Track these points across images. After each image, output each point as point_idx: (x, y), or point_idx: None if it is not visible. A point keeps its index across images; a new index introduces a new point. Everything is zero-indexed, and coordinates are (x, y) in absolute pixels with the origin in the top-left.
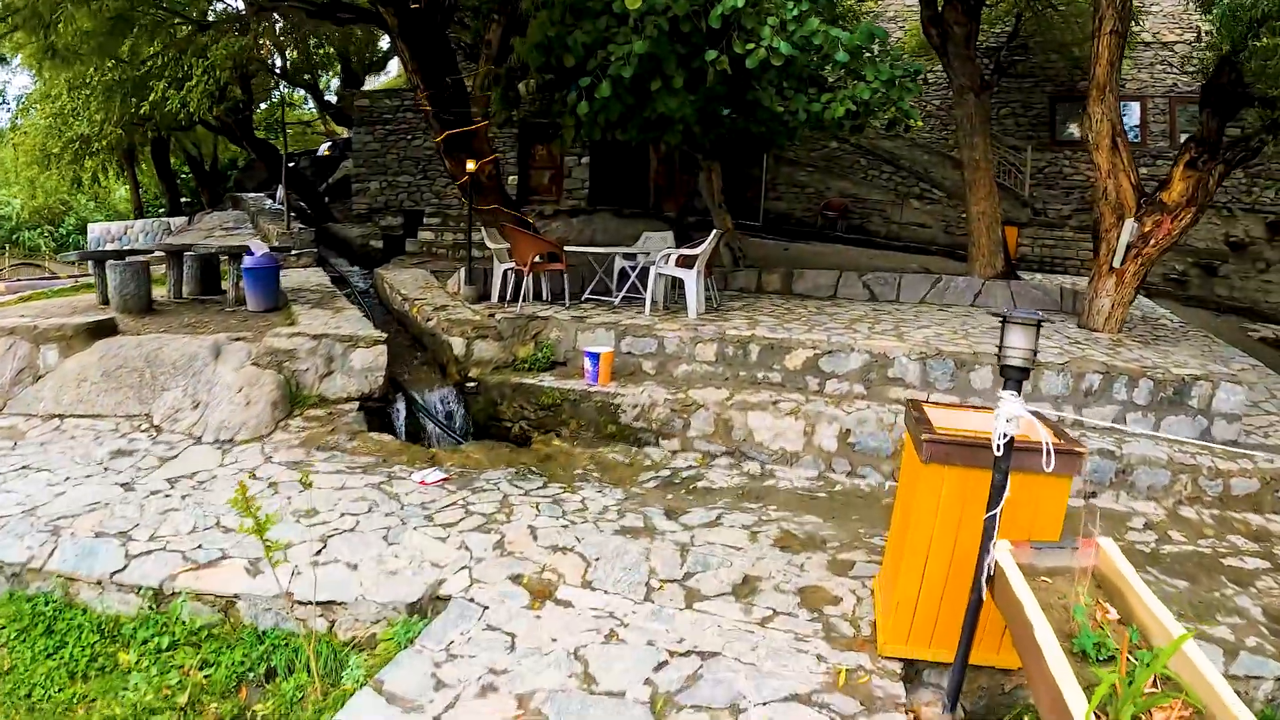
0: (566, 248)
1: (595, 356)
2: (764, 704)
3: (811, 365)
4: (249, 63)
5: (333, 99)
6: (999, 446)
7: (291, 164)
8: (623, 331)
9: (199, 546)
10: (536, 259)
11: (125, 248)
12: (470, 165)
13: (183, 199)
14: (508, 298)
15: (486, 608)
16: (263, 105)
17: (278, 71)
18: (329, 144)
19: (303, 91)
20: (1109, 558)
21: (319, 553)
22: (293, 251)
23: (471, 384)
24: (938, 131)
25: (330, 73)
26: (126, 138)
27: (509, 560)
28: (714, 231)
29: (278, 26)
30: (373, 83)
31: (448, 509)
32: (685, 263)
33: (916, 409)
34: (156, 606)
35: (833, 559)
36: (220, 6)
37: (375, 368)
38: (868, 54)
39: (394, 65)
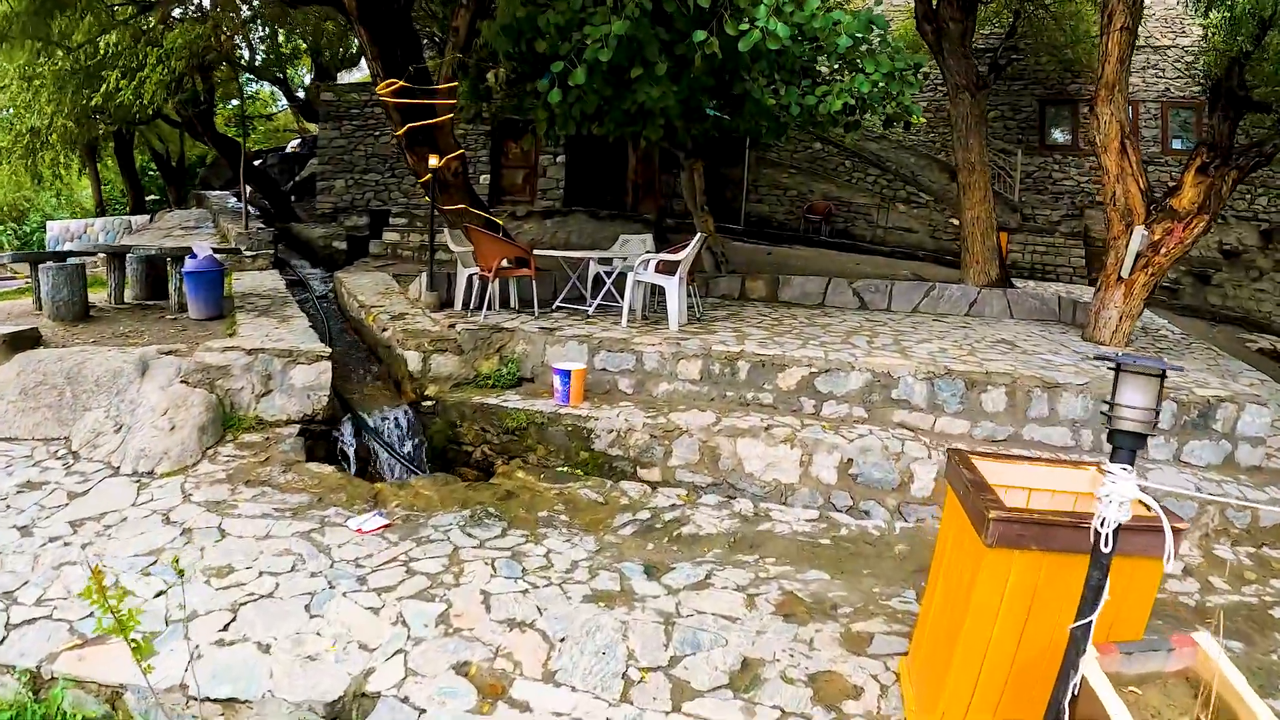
0: (538, 251)
1: (566, 374)
2: None
3: (807, 385)
4: (206, 52)
5: (302, 94)
6: (1106, 537)
7: (258, 161)
8: (597, 345)
9: (89, 614)
10: (503, 264)
11: (84, 247)
12: (433, 161)
13: (151, 197)
14: (472, 305)
15: (423, 711)
16: (234, 101)
17: (242, 64)
18: (298, 141)
19: (270, 87)
20: (1210, 660)
21: (227, 626)
22: (247, 252)
23: (429, 403)
24: (924, 134)
25: (300, 67)
26: (84, 132)
27: (454, 641)
28: (698, 235)
29: (238, 15)
30: (346, 79)
31: (386, 567)
32: (666, 269)
33: (967, 467)
34: (36, 694)
35: (846, 631)
36: None
37: (318, 386)
38: (866, 45)
39: None
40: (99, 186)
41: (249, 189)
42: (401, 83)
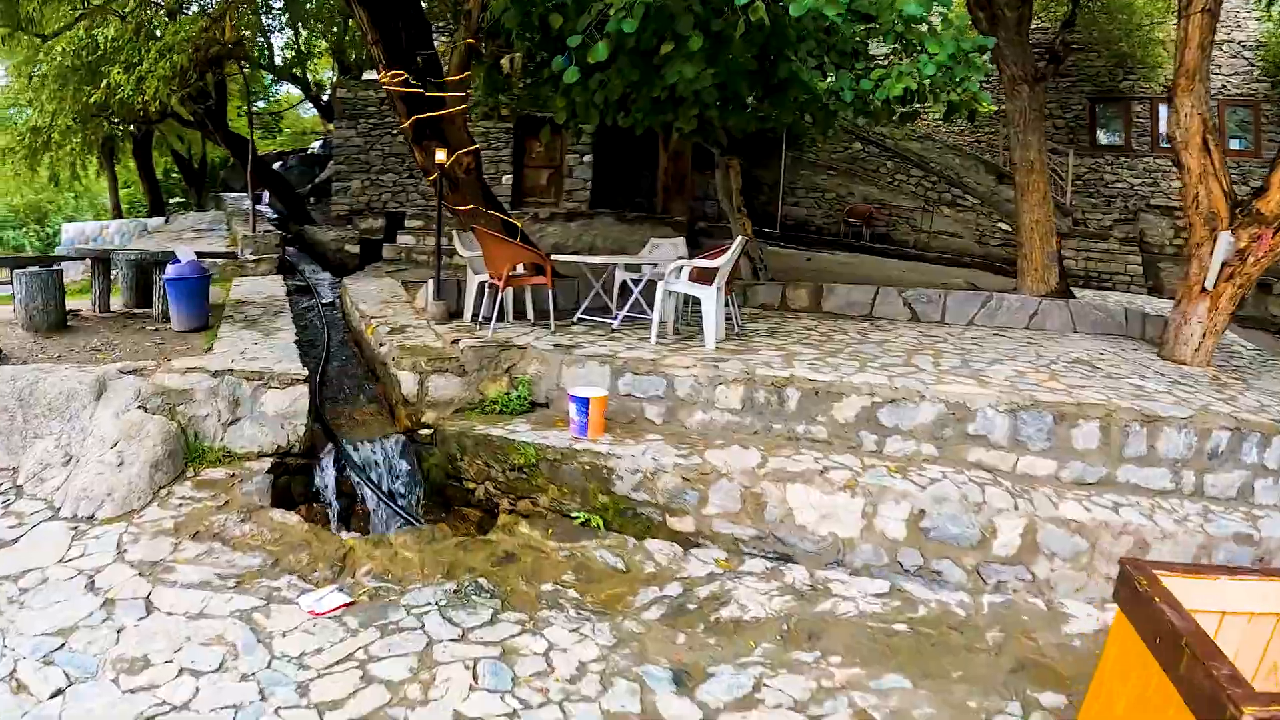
0: (560, 256)
1: (584, 403)
2: None
3: (868, 417)
4: (209, 45)
5: (327, 94)
6: None
7: (279, 163)
8: (621, 367)
9: None
10: (516, 271)
11: (70, 250)
12: (440, 156)
13: (175, 199)
14: (481, 315)
15: None
16: (260, 103)
17: (260, 63)
18: (320, 142)
19: (291, 88)
20: None
21: None
22: (250, 256)
23: (426, 431)
24: (969, 134)
25: (322, 65)
26: (89, 131)
27: None
28: (738, 239)
29: (241, 8)
30: (372, 78)
31: (336, 670)
32: (702, 277)
33: (1159, 594)
34: None
35: None
36: None
37: (293, 414)
38: (926, 24)
39: None
40: (116, 188)
41: (265, 191)
42: (406, 74)
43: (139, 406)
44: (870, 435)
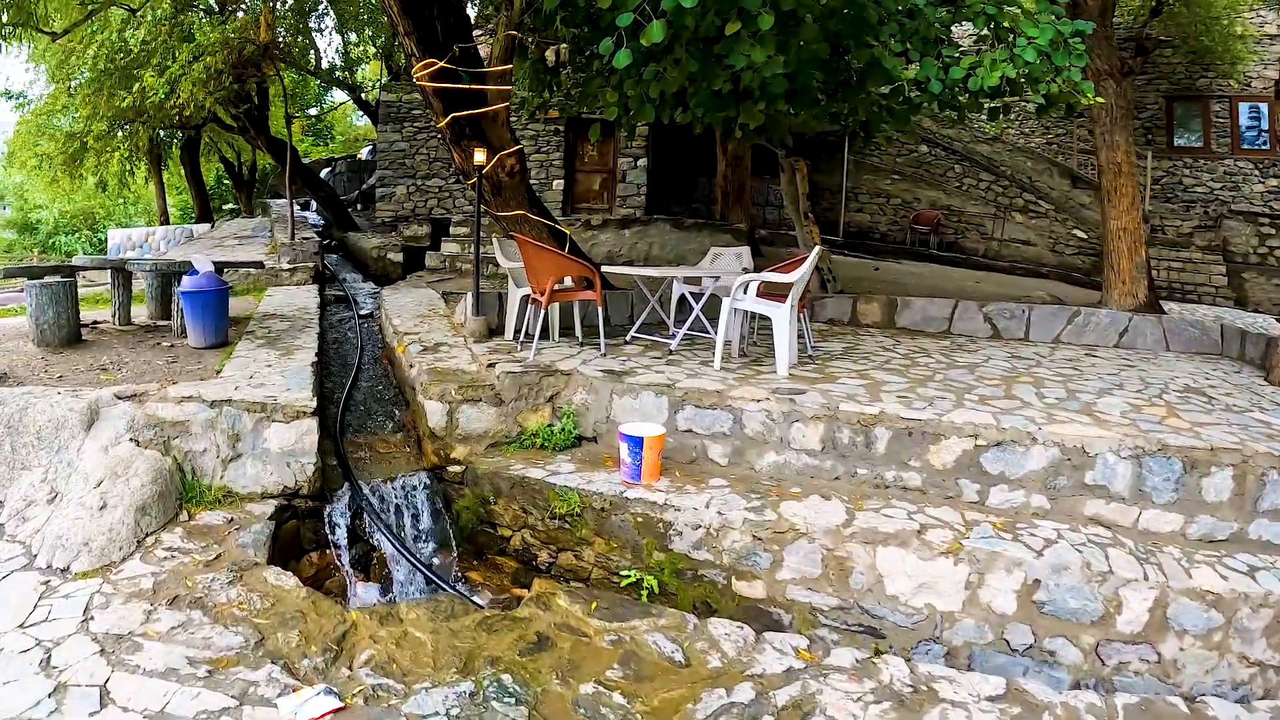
0: (612, 268)
1: (638, 443)
2: None
3: (970, 463)
4: (244, 46)
5: (376, 98)
6: None
7: (327, 169)
8: (680, 398)
9: None
10: (559, 285)
11: (145, 256)
12: (480, 156)
13: (228, 205)
14: (524, 333)
15: None
16: (312, 110)
17: (282, 62)
18: (369, 148)
19: (341, 94)
20: None
21: None
22: (286, 265)
23: (455, 469)
24: (1040, 136)
25: (372, 71)
26: (130, 136)
27: None
28: (814, 250)
29: (274, 7)
30: None
31: None
32: (773, 293)
33: None
34: None
35: None
36: None
37: (300, 451)
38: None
39: None
40: (163, 194)
41: (308, 198)
42: (442, 63)
43: (130, 439)
44: (971, 484)
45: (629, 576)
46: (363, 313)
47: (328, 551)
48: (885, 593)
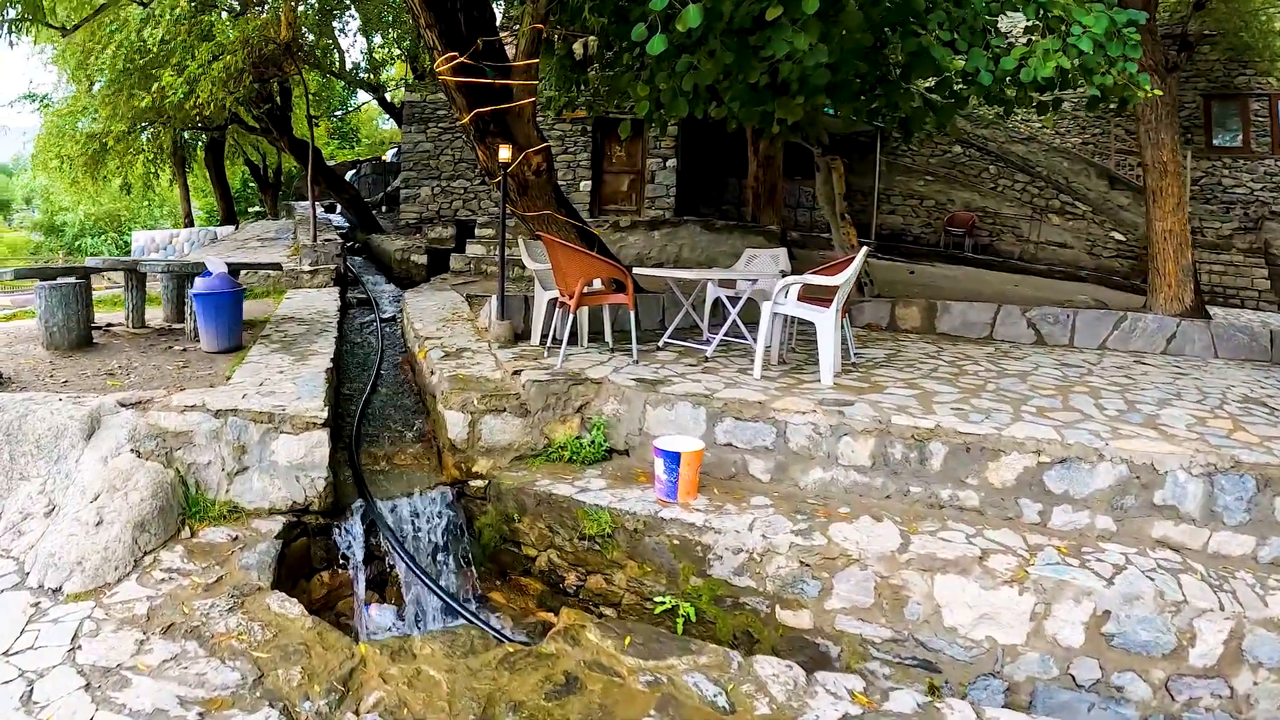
0: (642, 271)
1: (674, 458)
2: None
3: (1031, 481)
4: (264, 45)
5: (401, 99)
6: None
7: (352, 171)
8: (719, 410)
9: None
10: (591, 287)
11: (169, 258)
12: (505, 154)
13: (254, 208)
14: (551, 337)
15: None
16: (338, 112)
17: (303, 62)
18: (394, 150)
19: (367, 96)
20: None
21: None
22: (307, 267)
23: (478, 483)
24: (1076, 134)
25: (398, 73)
26: (150, 137)
27: None
28: (860, 251)
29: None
30: None
31: None
32: (816, 296)
33: None
34: None
35: None
36: None
37: (310, 465)
38: None
39: None
40: (188, 195)
41: (331, 200)
42: (464, 58)
43: (131, 450)
44: (1033, 504)
45: (664, 603)
46: (384, 316)
47: (340, 571)
48: (943, 624)
